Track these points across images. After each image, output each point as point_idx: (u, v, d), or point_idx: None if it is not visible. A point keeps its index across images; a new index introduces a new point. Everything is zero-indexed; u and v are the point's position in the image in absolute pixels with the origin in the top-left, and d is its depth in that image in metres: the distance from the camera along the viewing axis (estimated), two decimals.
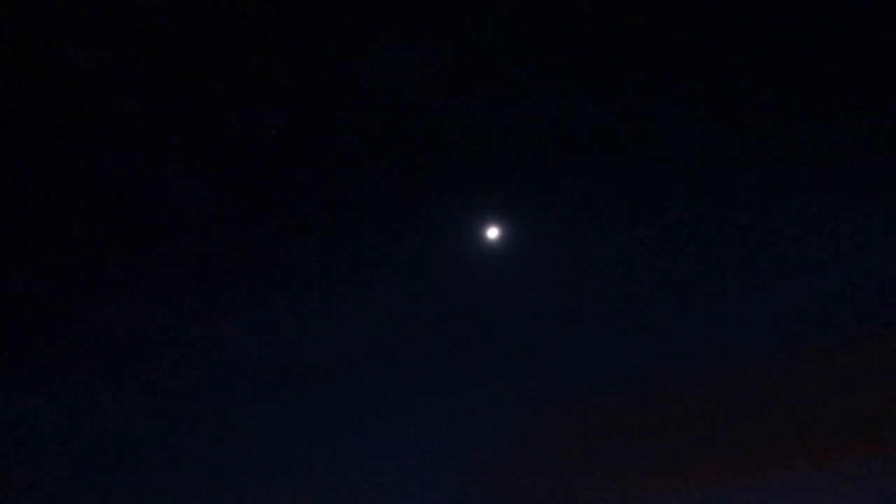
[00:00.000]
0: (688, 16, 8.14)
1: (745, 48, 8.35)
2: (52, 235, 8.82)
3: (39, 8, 7.46)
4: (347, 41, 7.84)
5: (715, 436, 10.35)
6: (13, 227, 8.68)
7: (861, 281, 9.58)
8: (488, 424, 9.98)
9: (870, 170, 8.92)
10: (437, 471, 10.14)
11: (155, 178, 8.59)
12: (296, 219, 8.87)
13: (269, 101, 8.20)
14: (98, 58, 7.75)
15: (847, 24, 8.17)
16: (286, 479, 10.09)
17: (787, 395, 10.16)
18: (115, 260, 9.08)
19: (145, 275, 9.17)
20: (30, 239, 8.78)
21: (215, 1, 7.54)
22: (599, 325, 9.77)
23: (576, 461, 10.28)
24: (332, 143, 8.41)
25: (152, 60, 7.92)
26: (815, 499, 10.14)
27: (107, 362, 9.56)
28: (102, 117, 8.08)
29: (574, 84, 8.24)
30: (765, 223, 9.30)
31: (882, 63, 8.31)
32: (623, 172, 8.83)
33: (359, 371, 9.76)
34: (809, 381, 10.07)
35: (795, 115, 8.70)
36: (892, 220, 9.15)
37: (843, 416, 10.15)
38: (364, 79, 8.07)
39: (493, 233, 8.64)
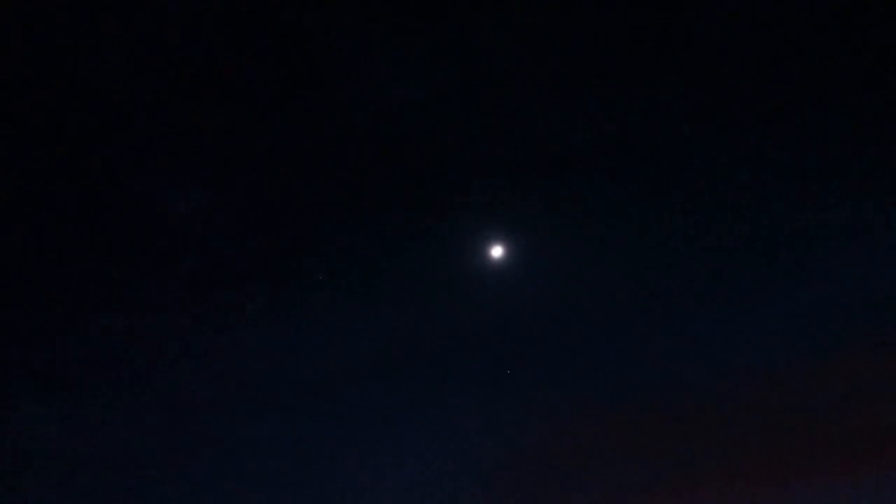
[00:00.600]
0: (696, 30, 8.04)
1: (754, 61, 8.26)
2: (52, 246, 8.79)
3: (47, 18, 7.41)
4: (354, 57, 7.77)
5: (728, 446, 10.31)
6: (17, 235, 8.66)
7: (876, 291, 9.52)
8: (494, 439, 9.95)
9: (885, 180, 8.84)
10: (442, 485, 10.12)
11: (159, 192, 8.56)
12: (301, 235, 8.82)
13: (276, 117, 8.14)
14: (108, 71, 7.72)
15: (859, 34, 8.07)
16: (291, 493, 10.10)
17: (801, 405, 10.11)
18: (117, 273, 9.05)
19: (148, 288, 9.14)
20: (30, 249, 8.76)
21: (224, 16, 7.47)
22: (605, 341, 9.72)
23: (583, 475, 10.25)
24: (337, 159, 8.35)
25: (161, 76, 7.87)
26: None
27: (108, 375, 9.55)
28: (115, 132, 8.07)
29: (579, 101, 8.15)
30: (774, 234, 9.22)
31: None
32: (629, 189, 8.75)
33: (362, 386, 9.74)
34: (824, 392, 10.01)
35: (805, 128, 8.60)
36: None
37: (860, 427, 10.10)
38: (369, 95, 7.99)
39: (497, 251, 8.58)
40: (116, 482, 9.76)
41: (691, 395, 10.05)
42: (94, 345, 9.33)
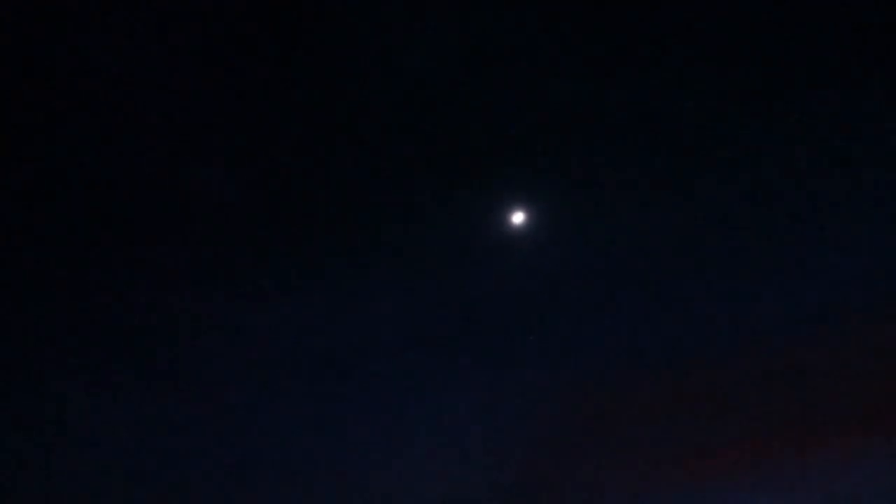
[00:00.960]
0: None
1: (773, 28, 8.19)
2: (77, 224, 8.88)
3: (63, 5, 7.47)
4: (368, 27, 7.76)
5: (749, 417, 10.27)
6: (41, 214, 8.74)
7: None
8: (515, 411, 9.96)
9: None
10: (465, 457, 10.15)
11: (183, 171, 8.61)
12: (321, 209, 8.84)
13: (291, 92, 8.16)
14: (128, 57, 7.80)
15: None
16: (314, 468, 10.16)
17: (822, 375, 10.05)
18: (142, 252, 9.12)
19: (175, 265, 9.21)
20: (56, 227, 8.84)
21: None
22: (626, 309, 9.69)
23: (604, 446, 10.25)
24: (355, 131, 8.35)
25: (176, 49, 7.91)
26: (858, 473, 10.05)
27: (135, 351, 9.65)
28: (137, 116, 8.15)
29: (600, 67, 8.11)
30: (795, 203, 9.16)
31: None
32: (650, 155, 8.71)
33: (385, 360, 9.77)
34: (847, 361, 9.94)
35: (827, 96, 8.53)
36: None
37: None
38: (385, 65, 7.99)
39: (518, 218, 8.54)
40: (142, 456, 9.86)
41: (715, 361, 10.01)
42: (120, 321, 9.42)
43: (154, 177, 8.69)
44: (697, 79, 8.43)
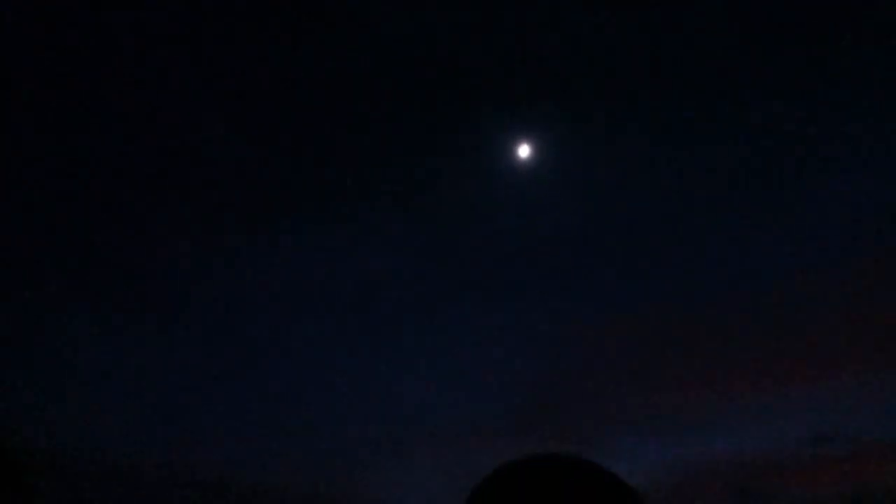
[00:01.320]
0: None
1: None
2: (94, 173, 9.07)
3: None
4: None
5: (760, 345, 10.39)
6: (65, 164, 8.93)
7: None
8: (523, 343, 10.15)
9: None
10: (478, 382, 10.35)
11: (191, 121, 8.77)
12: (330, 145, 9.00)
13: (301, 38, 8.28)
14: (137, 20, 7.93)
15: None
16: (330, 399, 10.40)
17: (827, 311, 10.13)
18: (155, 195, 9.31)
19: (187, 207, 9.41)
20: (73, 174, 9.03)
21: None
22: (633, 245, 9.82)
23: (615, 380, 10.44)
24: (361, 64, 8.47)
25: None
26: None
27: (152, 289, 9.86)
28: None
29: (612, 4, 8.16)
30: (803, 137, 9.21)
31: None
32: (658, 90, 8.78)
33: (395, 295, 9.96)
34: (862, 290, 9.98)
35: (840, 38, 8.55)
36: None
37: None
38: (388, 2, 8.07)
39: (524, 151, 8.66)
40: (160, 395, 10.11)
41: (724, 298, 10.15)
42: (138, 260, 9.64)
43: (167, 123, 8.88)
44: (708, 21, 8.47)
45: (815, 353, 10.13)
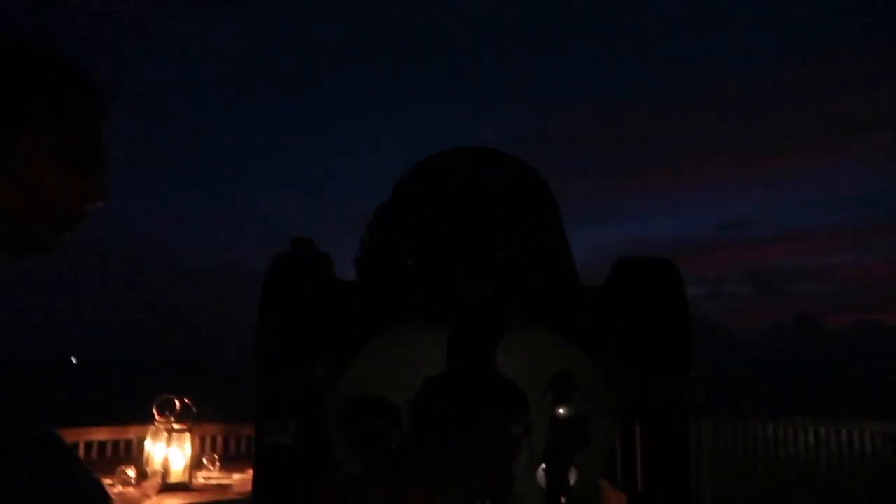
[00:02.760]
0: None
1: None
2: None
3: None
4: None
5: (669, 148, 9.36)
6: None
7: None
8: (477, 127, 8.79)
9: None
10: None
11: None
12: None
13: None
14: None
15: None
16: (279, 180, 9.06)
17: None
18: None
19: None
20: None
21: None
22: (602, 31, 8.21)
23: (575, 161, 9.28)
24: None
25: None
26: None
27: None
28: None
29: None
30: None
31: None
32: None
33: (343, 75, 8.49)
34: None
35: None
36: None
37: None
38: None
39: None
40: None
41: (679, 94, 8.89)
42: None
43: None
44: None
45: (727, 151, 9.51)
